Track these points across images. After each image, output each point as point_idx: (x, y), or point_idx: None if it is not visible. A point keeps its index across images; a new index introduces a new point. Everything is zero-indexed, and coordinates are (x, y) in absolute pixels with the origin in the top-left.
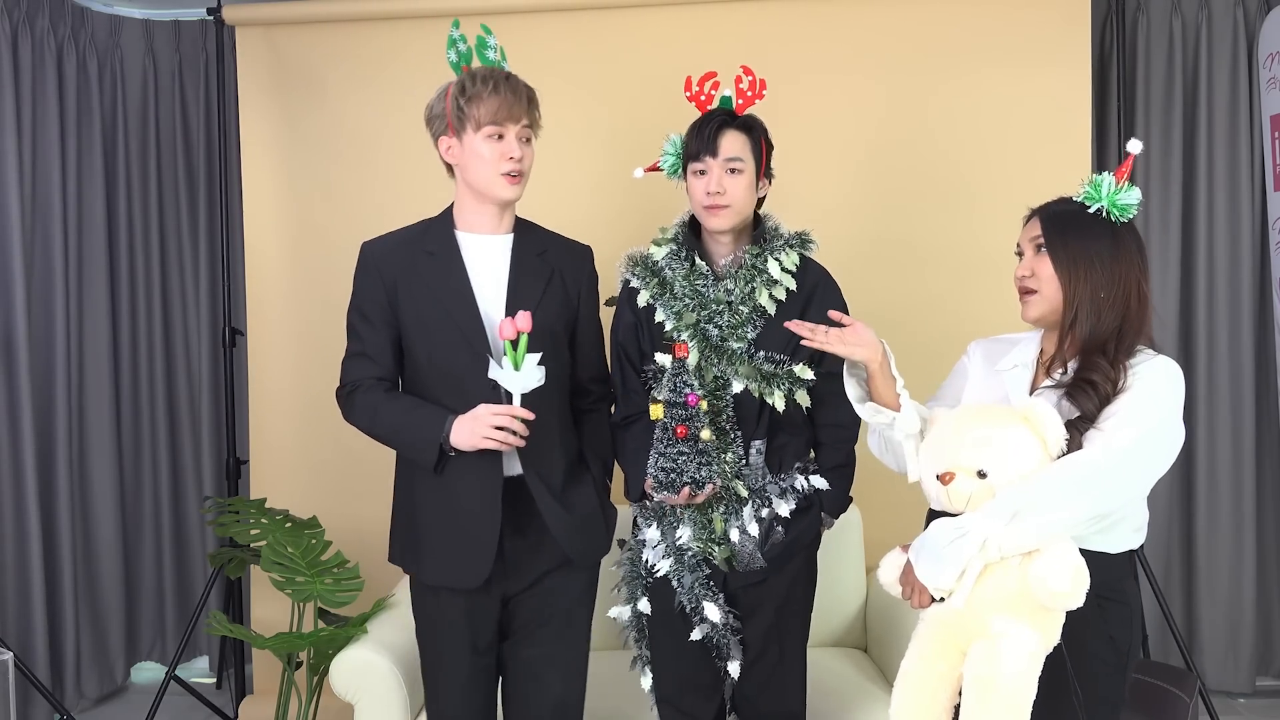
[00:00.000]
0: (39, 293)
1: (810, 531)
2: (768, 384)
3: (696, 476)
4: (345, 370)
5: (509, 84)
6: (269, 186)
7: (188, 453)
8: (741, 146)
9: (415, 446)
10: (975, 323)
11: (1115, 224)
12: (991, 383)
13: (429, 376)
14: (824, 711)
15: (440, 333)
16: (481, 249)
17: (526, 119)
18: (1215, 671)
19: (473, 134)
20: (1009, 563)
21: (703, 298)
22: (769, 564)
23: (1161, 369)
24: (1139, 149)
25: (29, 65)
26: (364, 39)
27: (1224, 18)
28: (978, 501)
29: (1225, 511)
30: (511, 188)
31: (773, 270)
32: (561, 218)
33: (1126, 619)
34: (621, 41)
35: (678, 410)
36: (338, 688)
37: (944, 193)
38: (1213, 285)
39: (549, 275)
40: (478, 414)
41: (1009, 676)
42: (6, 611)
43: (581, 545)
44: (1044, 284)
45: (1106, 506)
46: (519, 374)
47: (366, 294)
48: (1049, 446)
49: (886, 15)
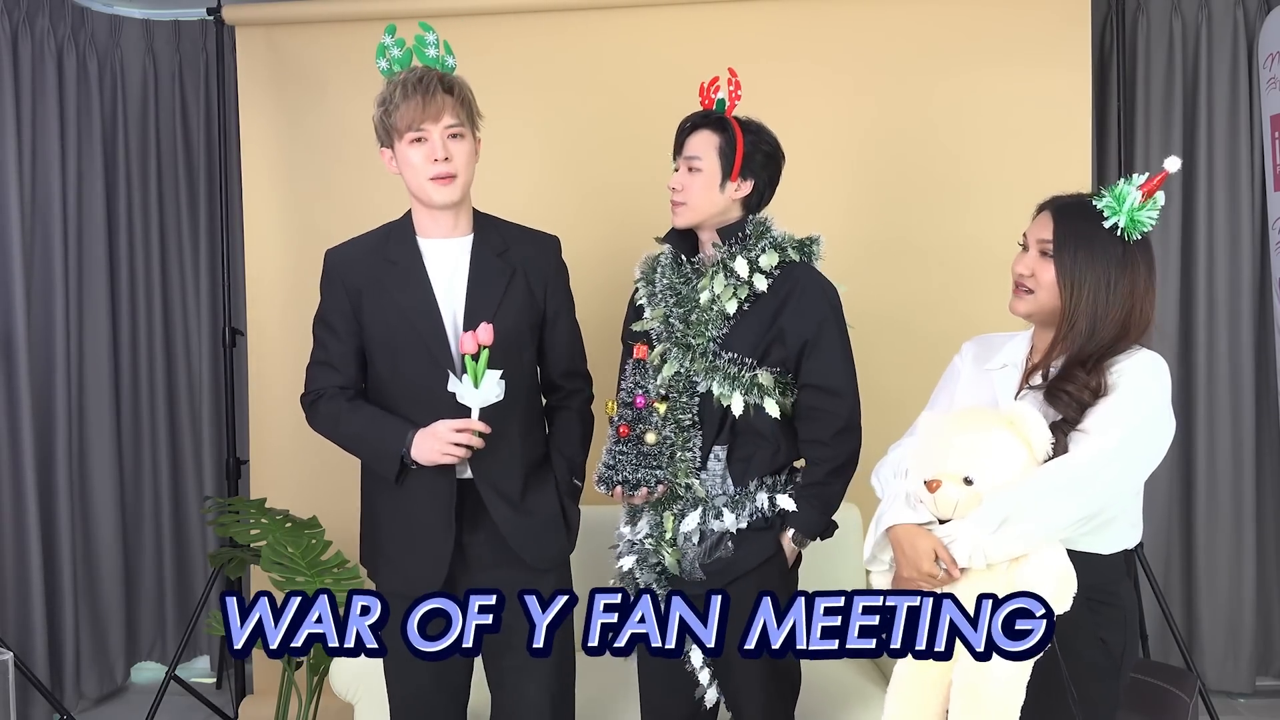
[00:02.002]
0: (39, 293)
1: (759, 555)
2: (727, 386)
3: (630, 478)
4: (310, 377)
5: (422, 85)
6: (269, 186)
7: (188, 453)
8: (704, 146)
9: (376, 458)
10: (975, 322)
11: (1127, 241)
12: (981, 382)
13: (392, 386)
14: (823, 711)
15: (404, 344)
16: (442, 255)
17: (453, 116)
18: (1215, 671)
19: (399, 143)
20: (997, 569)
21: (679, 295)
22: (708, 578)
23: (1145, 364)
24: (1176, 167)
25: (29, 65)
26: (364, 39)
27: (1224, 18)
28: (965, 508)
29: (1225, 511)
30: (442, 189)
31: (739, 269)
32: (555, 222)
33: (1120, 621)
34: (621, 41)
35: (626, 410)
36: (338, 688)
37: (944, 193)
38: (1213, 285)
39: (510, 275)
40: (437, 430)
41: (997, 682)
42: (6, 611)
43: (536, 549)
44: (1042, 289)
45: (1094, 508)
46: (478, 390)
47: (330, 303)
48: (1034, 451)
49: (887, 15)
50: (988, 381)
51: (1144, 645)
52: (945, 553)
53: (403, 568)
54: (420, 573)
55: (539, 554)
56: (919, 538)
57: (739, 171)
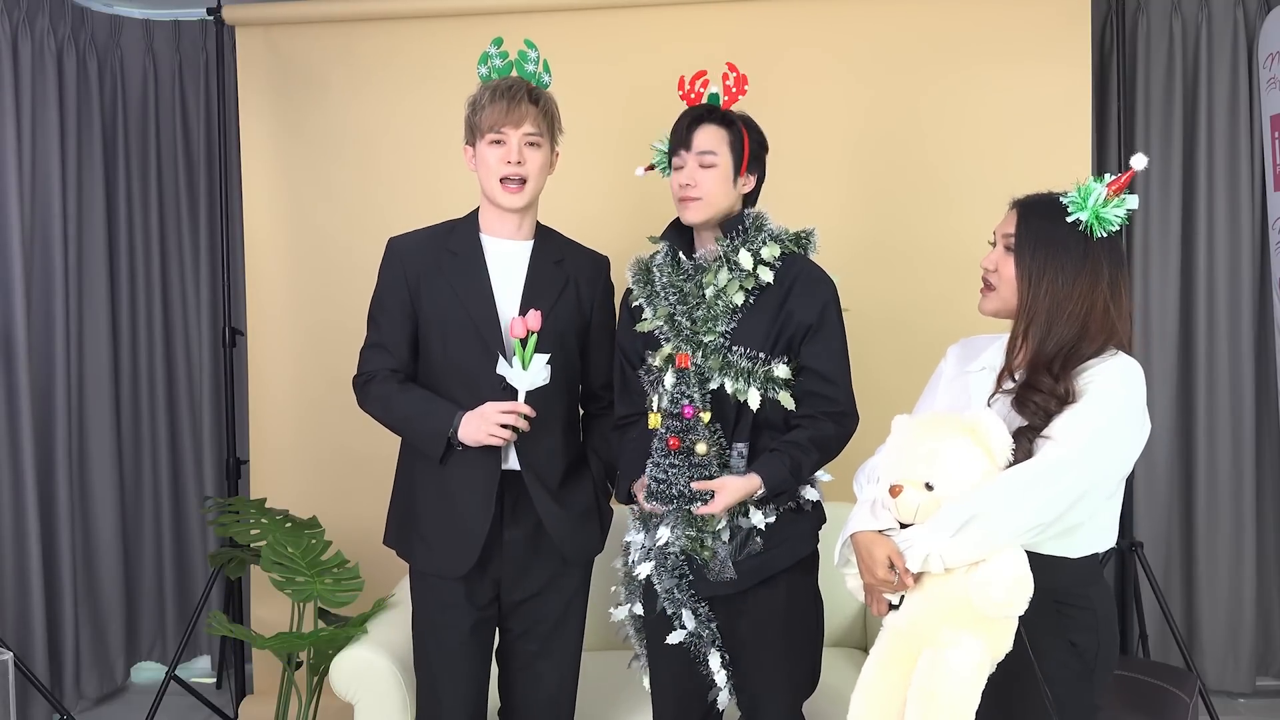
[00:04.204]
0: (39, 293)
1: (790, 554)
2: (743, 381)
3: (686, 491)
4: (363, 360)
5: (510, 91)
6: (269, 186)
7: (188, 453)
8: (716, 140)
9: (424, 437)
10: (971, 322)
11: (1091, 238)
12: (959, 385)
13: (443, 371)
14: (824, 711)
15: (457, 329)
16: (502, 253)
17: (533, 125)
18: (1215, 671)
19: (480, 142)
20: (956, 573)
21: (681, 292)
22: (740, 577)
23: (1114, 369)
24: (1143, 165)
25: (29, 65)
26: (364, 39)
27: (1224, 18)
28: (925, 514)
29: (1225, 511)
30: (509, 196)
31: (743, 261)
32: (572, 220)
33: (1090, 625)
34: (620, 42)
35: (674, 421)
36: (338, 688)
37: (943, 192)
38: (1213, 285)
39: (564, 282)
40: (485, 412)
41: (951, 686)
42: (6, 611)
43: (574, 541)
44: (1003, 284)
45: (1054, 512)
46: (526, 372)
47: (389, 287)
48: (995, 457)
49: (887, 15)
50: (965, 384)
51: (1144, 645)
52: (899, 560)
53: (439, 549)
54: (455, 555)
55: (574, 546)
56: (875, 545)
57: (747, 165)
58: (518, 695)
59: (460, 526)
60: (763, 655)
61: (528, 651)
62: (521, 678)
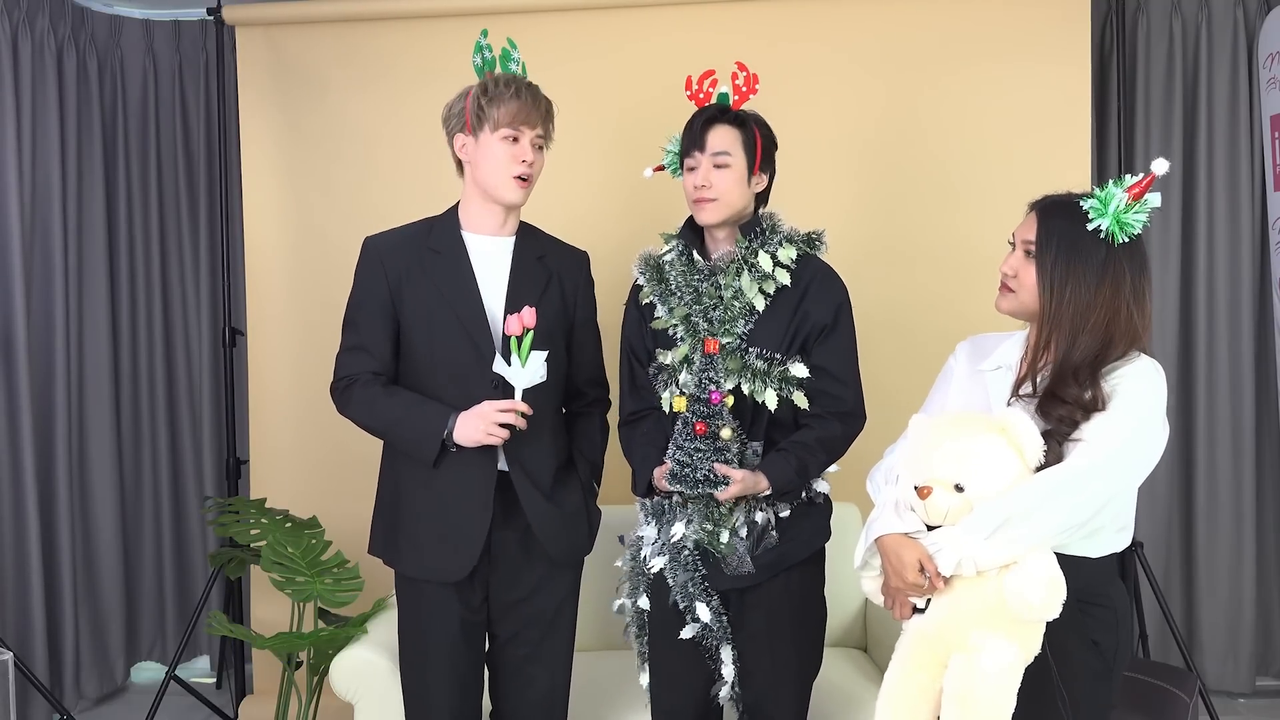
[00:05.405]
0: (39, 293)
1: (806, 545)
2: (759, 382)
3: (709, 475)
4: (341, 364)
5: (530, 91)
6: (269, 186)
7: (188, 453)
8: (730, 141)
9: (415, 441)
10: (973, 322)
11: (1113, 244)
12: (974, 384)
13: (429, 371)
14: (824, 711)
15: (443, 328)
16: (485, 250)
17: (541, 128)
18: (1215, 671)
19: (489, 134)
20: (987, 575)
21: (697, 293)
22: (758, 571)
23: (1142, 372)
24: (1165, 169)
25: (29, 65)
26: (364, 39)
27: (1224, 18)
28: (955, 516)
29: (1225, 511)
30: (519, 191)
31: (763, 263)
32: (561, 218)
33: (1111, 623)
34: (620, 41)
35: (700, 406)
36: (338, 688)
37: (944, 192)
38: (1213, 285)
39: (547, 279)
40: (483, 411)
41: (987, 689)
42: (6, 611)
43: (563, 543)
44: (1024, 290)
45: (1087, 514)
46: (524, 369)
47: (368, 288)
48: (1026, 458)
49: (887, 15)
50: (981, 383)
51: (1144, 645)
52: (930, 563)
53: (430, 555)
54: (449, 561)
55: (563, 547)
56: (904, 548)
57: (760, 164)
58: (509, 700)
59: (457, 529)
60: (775, 645)
61: (519, 655)
62: (513, 682)
